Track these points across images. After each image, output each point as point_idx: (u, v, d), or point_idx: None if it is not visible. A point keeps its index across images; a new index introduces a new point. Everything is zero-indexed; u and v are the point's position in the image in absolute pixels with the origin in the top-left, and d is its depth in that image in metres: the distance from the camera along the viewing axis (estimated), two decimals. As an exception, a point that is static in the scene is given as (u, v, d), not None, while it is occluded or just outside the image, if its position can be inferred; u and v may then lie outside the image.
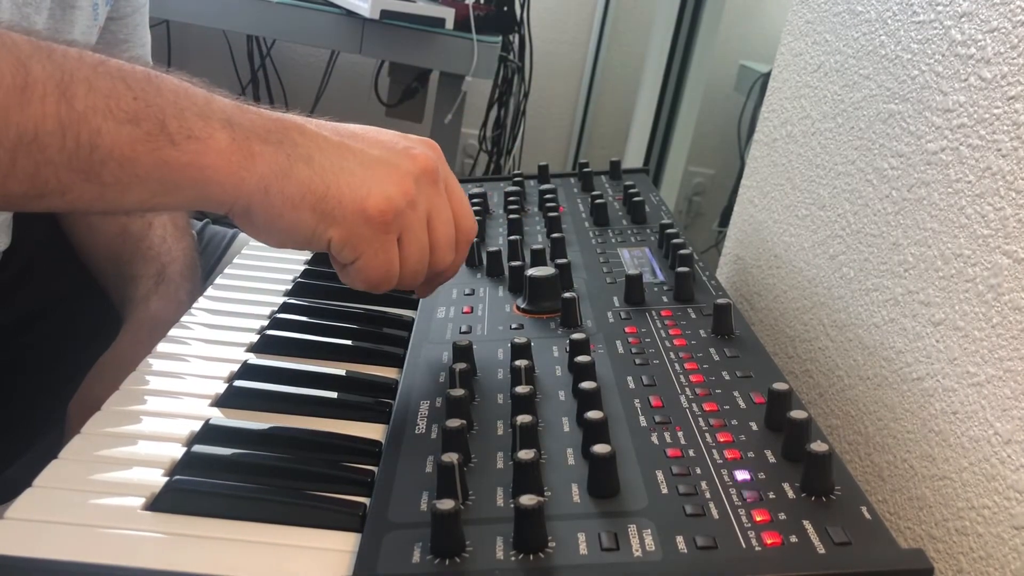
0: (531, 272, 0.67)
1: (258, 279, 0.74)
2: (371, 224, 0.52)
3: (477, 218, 0.82)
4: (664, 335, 0.62)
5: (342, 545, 0.44)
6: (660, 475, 0.46)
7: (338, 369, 0.60)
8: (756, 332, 0.62)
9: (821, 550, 0.40)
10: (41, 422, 0.80)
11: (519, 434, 0.47)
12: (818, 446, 0.44)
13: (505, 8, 1.80)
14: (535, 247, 0.72)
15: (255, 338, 0.63)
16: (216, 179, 0.48)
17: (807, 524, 0.42)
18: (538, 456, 0.45)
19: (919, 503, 0.61)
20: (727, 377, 0.56)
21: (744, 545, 0.41)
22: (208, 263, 0.95)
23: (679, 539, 0.41)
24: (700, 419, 0.51)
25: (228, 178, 0.49)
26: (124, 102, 0.46)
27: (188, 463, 0.48)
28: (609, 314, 0.65)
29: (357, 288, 0.56)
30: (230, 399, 0.55)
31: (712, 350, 0.59)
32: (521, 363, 0.55)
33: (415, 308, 0.70)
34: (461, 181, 1.00)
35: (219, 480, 0.47)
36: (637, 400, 0.54)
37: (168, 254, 0.84)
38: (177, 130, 0.47)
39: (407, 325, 0.67)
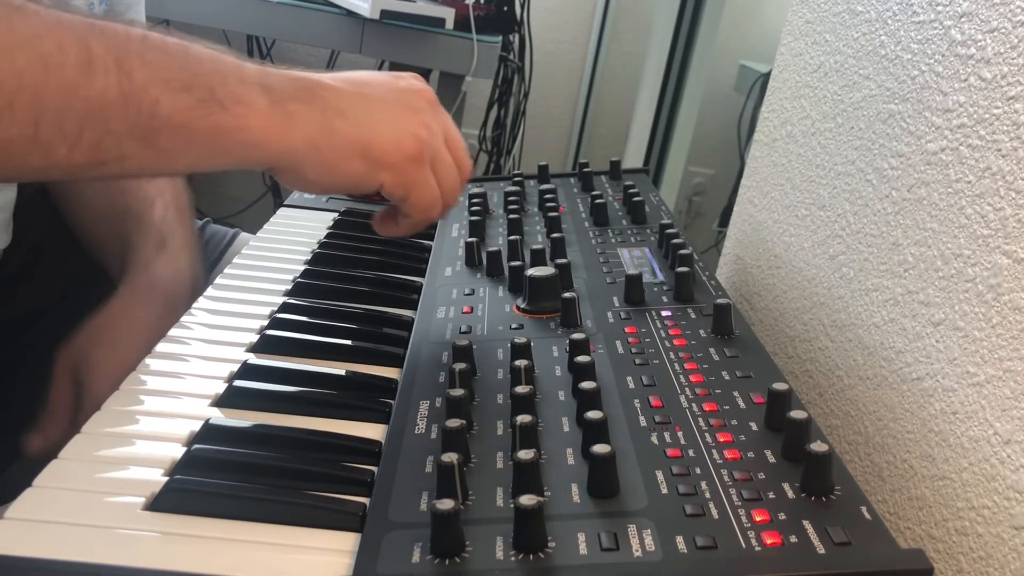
0: (531, 272, 0.67)
1: (258, 279, 0.74)
2: (413, 162, 0.59)
3: (476, 218, 0.83)
4: (664, 335, 0.62)
5: (342, 545, 0.44)
6: (660, 475, 0.46)
7: (338, 369, 0.60)
8: (756, 332, 0.62)
9: (821, 550, 0.40)
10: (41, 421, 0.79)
11: (519, 434, 0.47)
12: (818, 446, 0.44)
13: (505, 8, 1.80)
14: (535, 247, 0.72)
15: (255, 338, 0.63)
16: (262, 140, 0.52)
17: (807, 524, 0.42)
18: (538, 456, 0.45)
19: (919, 503, 0.62)
20: (727, 377, 0.56)
21: (744, 545, 0.41)
22: (208, 262, 0.95)
23: (679, 539, 0.41)
24: (700, 419, 0.51)
25: (273, 137, 0.53)
26: (174, 72, 0.49)
27: (188, 463, 0.48)
28: (609, 314, 0.65)
29: (415, 220, 0.63)
30: (230, 399, 0.55)
31: (712, 350, 0.59)
32: (521, 363, 0.55)
33: (415, 308, 0.70)
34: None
35: (219, 480, 0.47)
36: (637, 400, 0.54)
37: (169, 229, 0.85)
38: (225, 96, 0.51)
39: (407, 325, 0.67)
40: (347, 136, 0.56)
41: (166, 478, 0.47)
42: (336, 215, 0.91)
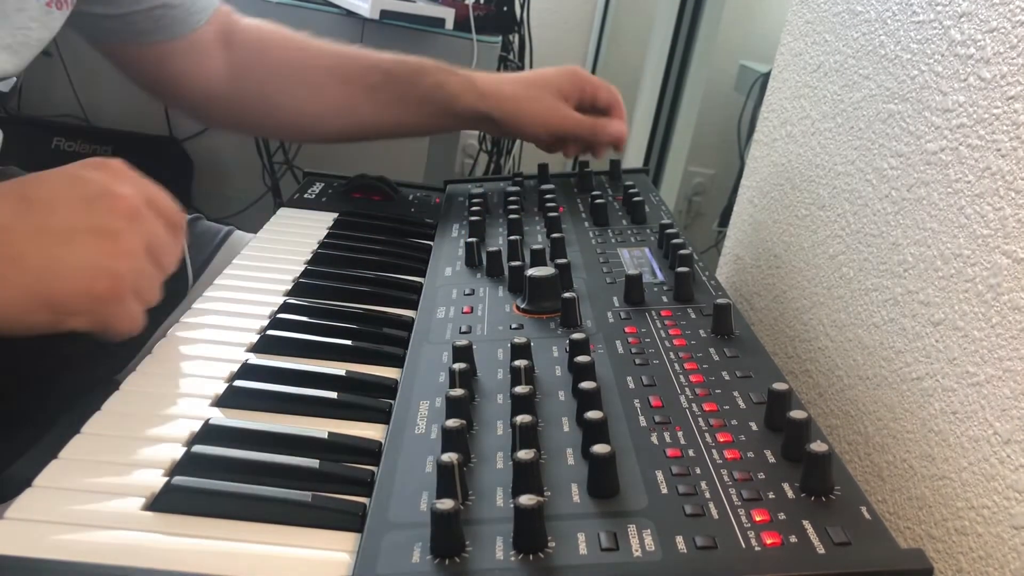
0: (531, 272, 0.67)
1: (258, 279, 0.74)
2: (106, 301, 0.52)
3: (476, 218, 0.83)
4: (664, 335, 0.62)
5: (342, 545, 0.44)
6: (660, 475, 0.46)
7: (338, 369, 0.60)
8: (756, 332, 0.62)
9: (821, 550, 0.40)
10: (41, 421, 0.79)
11: (519, 434, 0.47)
12: (818, 446, 0.44)
13: (505, 8, 1.80)
14: (535, 247, 0.72)
15: (255, 338, 0.63)
16: None
17: (807, 524, 0.42)
18: (538, 456, 0.45)
19: (919, 503, 0.62)
20: (727, 377, 0.56)
21: (744, 545, 0.41)
22: (200, 257, 0.95)
23: (679, 539, 0.41)
24: (700, 419, 0.51)
25: None
26: None
27: (188, 463, 0.48)
28: (609, 314, 0.65)
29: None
30: (230, 399, 0.55)
31: (712, 350, 0.59)
32: (521, 363, 0.55)
33: (415, 308, 0.70)
34: (462, 181, 1.01)
35: (219, 480, 0.47)
36: (637, 400, 0.54)
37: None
38: None
39: (407, 325, 0.67)
40: (23, 289, 0.49)
41: (166, 478, 0.47)
42: (336, 215, 0.91)
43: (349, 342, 0.63)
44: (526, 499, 0.41)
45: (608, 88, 0.97)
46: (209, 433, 0.51)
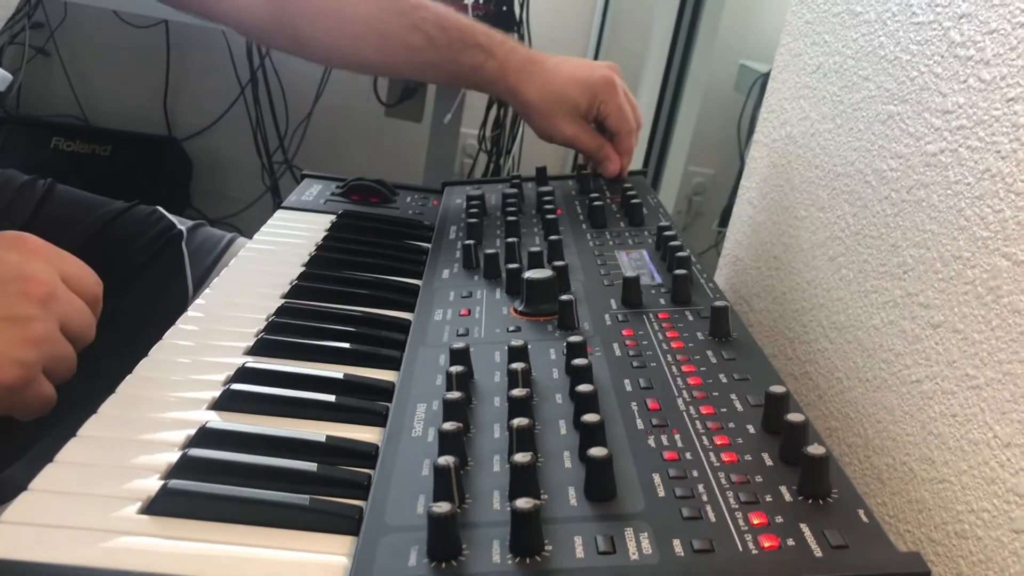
0: (528, 274, 0.67)
1: (255, 282, 0.74)
2: (12, 391, 0.51)
3: (474, 220, 0.82)
4: (661, 338, 0.61)
5: (339, 548, 0.44)
6: (657, 478, 0.46)
7: (335, 372, 0.60)
8: (755, 333, 0.62)
9: (818, 553, 0.40)
10: (38, 423, 0.79)
11: (515, 437, 0.47)
12: (815, 449, 0.44)
13: (505, 8, 1.80)
14: (533, 249, 0.72)
15: (252, 341, 0.63)
16: None
17: (804, 527, 0.42)
18: (535, 459, 0.45)
19: (918, 506, 0.61)
20: (724, 380, 0.55)
21: (741, 548, 0.41)
22: (203, 265, 0.95)
23: (676, 542, 0.41)
24: (697, 422, 0.51)
25: None
26: None
27: (184, 466, 0.48)
28: (606, 316, 0.65)
29: None
30: (226, 402, 0.55)
31: (709, 352, 0.59)
32: (518, 366, 0.54)
33: (412, 311, 0.70)
34: (459, 183, 1.01)
35: (215, 483, 0.47)
36: (634, 403, 0.54)
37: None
38: None
39: (404, 328, 0.67)
40: None
41: (162, 482, 0.46)
42: (334, 217, 0.91)
43: (346, 345, 0.63)
44: (523, 502, 0.41)
45: (620, 116, 0.95)
46: (205, 436, 0.51)
